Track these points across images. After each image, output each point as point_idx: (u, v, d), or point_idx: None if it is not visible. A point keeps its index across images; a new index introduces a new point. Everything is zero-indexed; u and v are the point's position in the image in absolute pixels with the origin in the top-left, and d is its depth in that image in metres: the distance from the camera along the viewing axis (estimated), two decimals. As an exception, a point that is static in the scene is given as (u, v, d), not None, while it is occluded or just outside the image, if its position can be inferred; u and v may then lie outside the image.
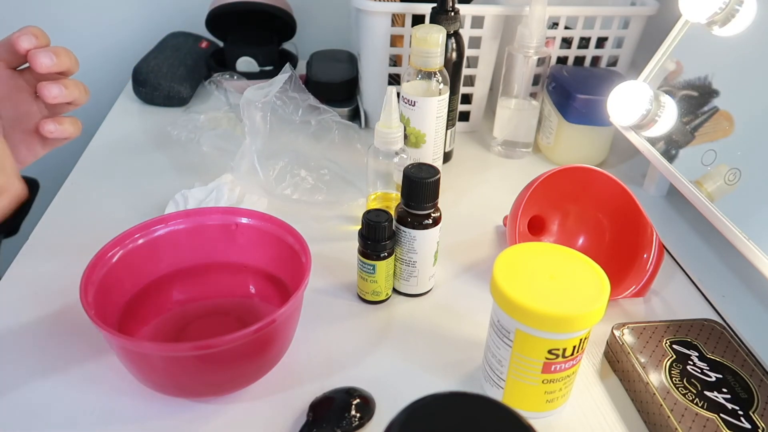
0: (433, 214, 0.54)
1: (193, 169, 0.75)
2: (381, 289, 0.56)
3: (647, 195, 0.75)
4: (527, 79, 0.77)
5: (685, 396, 0.45)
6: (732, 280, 0.60)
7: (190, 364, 0.42)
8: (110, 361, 0.49)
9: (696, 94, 0.63)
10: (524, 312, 0.40)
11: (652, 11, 0.81)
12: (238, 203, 0.67)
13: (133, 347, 0.41)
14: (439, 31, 0.65)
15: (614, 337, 0.51)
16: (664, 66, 0.68)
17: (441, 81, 0.68)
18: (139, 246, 0.50)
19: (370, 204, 0.66)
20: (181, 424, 0.45)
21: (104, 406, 0.46)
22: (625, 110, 0.67)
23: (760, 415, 0.44)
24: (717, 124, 0.60)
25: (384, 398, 0.47)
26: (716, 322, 0.52)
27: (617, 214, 0.60)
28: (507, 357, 0.44)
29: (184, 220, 0.52)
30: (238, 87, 0.90)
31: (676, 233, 0.67)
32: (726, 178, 0.56)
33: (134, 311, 0.49)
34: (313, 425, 0.44)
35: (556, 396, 0.45)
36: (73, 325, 0.52)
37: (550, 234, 0.64)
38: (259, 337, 0.42)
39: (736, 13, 0.59)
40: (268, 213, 0.52)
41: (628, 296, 0.56)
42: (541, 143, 0.84)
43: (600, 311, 0.41)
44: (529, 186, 0.59)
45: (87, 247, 0.50)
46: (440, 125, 0.70)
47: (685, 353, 0.49)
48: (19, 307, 0.55)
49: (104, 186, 0.72)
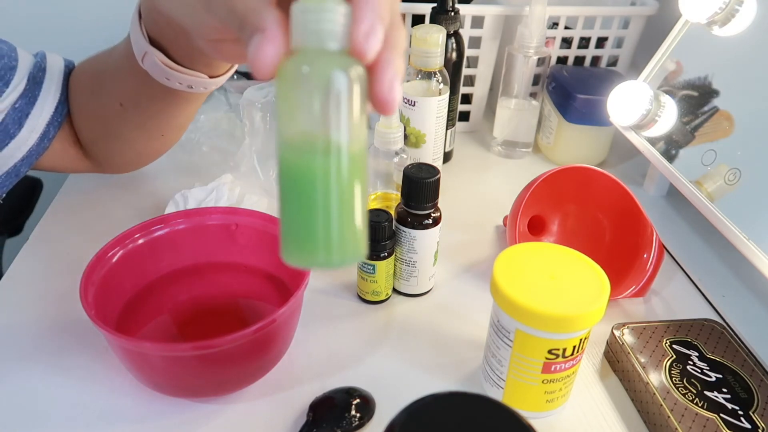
0: (433, 214, 0.54)
1: (193, 169, 0.75)
2: (381, 289, 0.56)
3: (647, 195, 0.75)
4: (527, 79, 0.77)
5: (685, 396, 0.45)
6: (732, 280, 0.60)
7: (190, 364, 0.42)
8: (110, 361, 0.49)
9: (696, 94, 0.63)
10: (524, 312, 0.40)
11: (652, 11, 0.81)
12: (238, 203, 0.67)
13: (133, 347, 0.41)
14: (439, 31, 0.65)
15: (614, 337, 0.51)
16: (664, 66, 0.68)
17: (441, 81, 0.68)
18: (139, 246, 0.50)
19: (370, 204, 0.66)
20: (181, 424, 0.45)
21: (104, 406, 0.46)
22: (625, 110, 0.67)
23: (760, 415, 0.44)
24: (717, 124, 0.60)
25: (384, 398, 0.47)
26: (716, 322, 0.52)
27: (617, 214, 0.60)
28: (507, 357, 0.44)
29: (184, 220, 0.52)
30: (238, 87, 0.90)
31: (676, 233, 0.67)
32: (726, 178, 0.56)
33: (134, 311, 0.49)
34: (313, 425, 0.44)
35: (556, 396, 0.45)
36: (73, 325, 0.52)
37: (550, 234, 0.64)
38: (259, 337, 0.42)
39: (736, 13, 0.59)
40: (268, 213, 0.52)
41: (628, 296, 0.56)
42: (541, 143, 0.84)
43: (600, 311, 0.41)
44: (529, 186, 0.59)
45: (87, 247, 0.50)
46: (440, 125, 0.70)
47: (685, 353, 0.49)
48: (19, 307, 0.55)
49: (104, 186, 0.72)
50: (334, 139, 0.27)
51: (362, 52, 0.27)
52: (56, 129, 0.59)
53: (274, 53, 0.27)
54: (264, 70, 0.27)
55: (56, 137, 0.60)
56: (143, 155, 0.65)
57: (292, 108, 0.27)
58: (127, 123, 0.58)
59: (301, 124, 0.27)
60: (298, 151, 0.27)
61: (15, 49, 0.56)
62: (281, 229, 0.28)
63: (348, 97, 0.27)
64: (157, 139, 0.62)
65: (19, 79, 0.55)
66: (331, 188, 0.27)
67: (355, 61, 0.27)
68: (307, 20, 0.26)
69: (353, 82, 0.27)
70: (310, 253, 0.28)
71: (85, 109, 0.59)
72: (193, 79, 0.50)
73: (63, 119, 0.59)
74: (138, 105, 0.55)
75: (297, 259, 0.28)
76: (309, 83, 0.26)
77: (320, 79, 0.26)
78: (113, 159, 0.65)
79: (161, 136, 0.61)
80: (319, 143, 0.27)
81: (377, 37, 0.27)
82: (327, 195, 0.27)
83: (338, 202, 0.27)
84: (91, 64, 0.59)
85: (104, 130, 0.60)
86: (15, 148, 0.56)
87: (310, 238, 0.27)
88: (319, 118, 0.27)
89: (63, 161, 0.62)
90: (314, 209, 0.27)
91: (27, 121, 0.56)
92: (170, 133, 0.62)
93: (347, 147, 0.27)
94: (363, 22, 0.27)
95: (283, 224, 0.28)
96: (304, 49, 0.27)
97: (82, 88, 0.59)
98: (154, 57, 0.48)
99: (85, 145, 0.62)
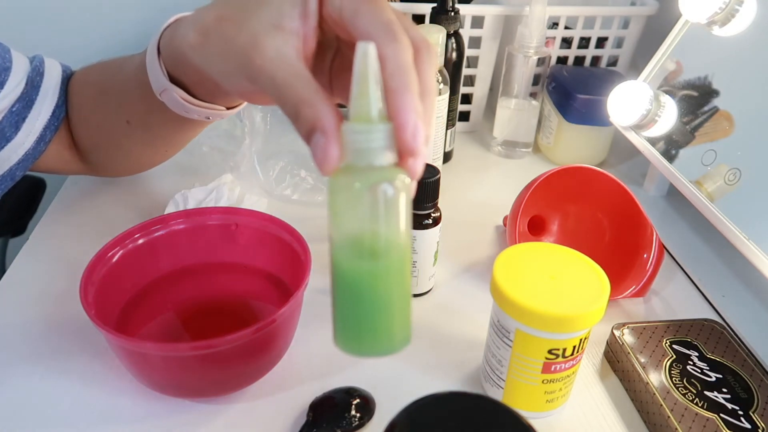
0: (433, 214, 0.54)
1: (193, 169, 0.75)
2: (381, 289, 0.56)
3: (647, 195, 0.75)
4: (527, 79, 0.77)
5: (685, 396, 0.45)
6: (732, 280, 0.60)
7: (190, 364, 0.42)
8: (110, 361, 0.49)
9: (696, 94, 0.63)
10: (524, 312, 0.40)
11: (652, 11, 0.81)
12: (238, 203, 0.67)
13: (133, 347, 0.41)
14: (439, 31, 0.65)
15: (614, 337, 0.51)
16: (664, 66, 0.68)
17: (441, 81, 0.68)
18: (139, 246, 0.50)
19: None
20: (181, 424, 0.45)
21: (104, 406, 0.46)
22: (625, 110, 0.67)
23: (760, 415, 0.44)
24: (717, 124, 0.60)
25: (384, 398, 0.47)
26: (716, 322, 0.52)
27: (617, 214, 0.60)
28: (507, 357, 0.44)
29: (184, 220, 0.52)
30: (238, 87, 0.90)
31: (676, 233, 0.67)
32: (726, 178, 0.56)
33: (134, 311, 0.49)
34: (313, 425, 0.44)
35: (556, 396, 0.45)
36: (73, 325, 0.52)
37: (550, 234, 0.64)
38: (259, 337, 0.42)
39: (736, 13, 0.59)
40: (268, 213, 0.52)
41: (628, 296, 0.56)
42: (541, 143, 0.84)
43: (600, 311, 0.41)
44: (529, 186, 0.59)
45: (87, 247, 0.50)
46: (440, 125, 0.70)
47: (685, 353, 0.49)
48: (20, 307, 0.55)
49: (104, 186, 0.72)
50: (383, 245, 0.30)
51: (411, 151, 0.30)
52: (53, 133, 0.58)
53: (337, 152, 0.29)
54: (330, 168, 0.30)
55: (52, 140, 0.59)
56: (142, 165, 0.65)
57: (344, 217, 0.31)
58: (132, 139, 0.58)
59: (353, 231, 0.31)
60: (351, 256, 0.31)
61: (9, 51, 0.56)
62: (335, 319, 0.32)
63: (394, 205, 0.30)
64: (160, 154, 0.62)
65: (16, 82, 0.55)
66: (382, 288, 0.31)
67: (400, 171, 0.30)
68: (355, 140, 0.29)
69: (399, 192, 0.30)
70: (362, 344, 0.32)
71: (88, 121, 0.59)
72: (212, 112, 0.50)
73: (60, 123, 0.59)
74: (146, 125, 0.55)
75: (349, 349, 0.32)
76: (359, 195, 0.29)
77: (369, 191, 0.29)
78: (111, 165, 0.65)
79: (165, 152, 0.61)
80: (368, 248, 0.30)
81: (421, 134, 0.30)
82: (378, 294, 0.31)
83: (388, 300, 0.31)
84: (96, 76, 0.59)
85: (107, 141, 0.60)
86: (11, 152, 0.56)
87: (363, 332, 0.31)
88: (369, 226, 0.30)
89: (58, 164, 0.62)
90: (367, 307, 0.31)
91: (24, 124, 0.56)
92: (173, 149, 0.62)
93: (394, 250, 0.30)
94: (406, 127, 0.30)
95: (337, 316, 0.32)
96: (353, 165, 0.30)
97: (86, 100, 0.59)
98: (174, 94, 0.47)
99: (82, 151, 0.62)
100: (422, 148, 0.30)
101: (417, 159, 0.30)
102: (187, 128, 0.55)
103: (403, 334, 0.32)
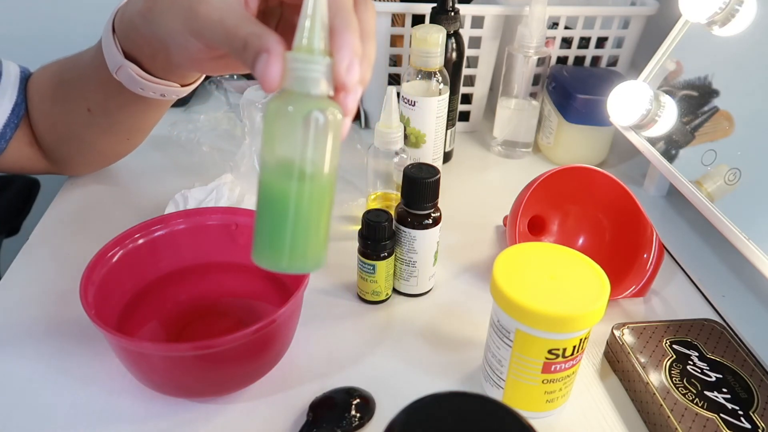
0: (433, 214, 0.54)
1: (193, 169, 0.75)
2: (381, 289, 0.56)
3: (647, 195, 0.75)
4: (527, 79, 0.77)
5: (685, 396, 0.45)
6: (732, 280, 0.60)
7: (190, 364, 0.42)
8: (110, 361, 0.49)
9: (696, 94, 0.63)
10: (524, 312, 0.40)
11: (652, 11, 0.81)
12: (238, 203, 0.67)
13: (133, 347, 0.41)
14: (439, 31, 0.65)
15: (614, 337, 0.51)
16: (664, 66, 0.68)
17: (441, 81, 0.68)
18: (139, 246, 0.50)
19: (370, 204, 0.66)
20: (181, 424, 0.45)
21: (104, 406, 0.46)
22: (625, 110, 0.67)
23: (760, 415, 0.44)
24: (717, 124, 0.60)
25: (384, 398, 0.47)
26: (716, 322, 0.52)
27: (617, 214, 0.60)
28: (507, 357, 0.44)
29: (184, 220, 0.52)
30: (238, 87, 0.90)
31: (676, 233, 0.67)
32: (726, 178, 0.56)
33: (134, 311, 0.49)
34: (313, 425, 0.44)
35: (556, 396, 0.45)
36: (73, 325, 0.52)
37: (550, 234, 0.64)
38: (259, 337, 0.42)
39: (736, 13, 0.59)
40: (268, 213, 0.52)
41: (628, 296, 0.56)
42: (541, 143, 0.84)
43: (600, 311, 0.41)
44: (529, 186, 0.59)
45: (87, 247, 0.50)
46: (440, 125, 0.70)
47: (685, 353, 0.49)
48: (19, 307, 0.55)
49: (104, 186, 0.72)
50: (308, 169, 0.32)
51: (344, 85, 0.32)
52: (13, 131, 0.60)
53: (280, 69, 0.32)
54: (272, 84, 0.32)
55: (13, 138, 0.60)
56: (106, 157, 0.67)
57: (276, 139, 0.33)
58: (93, 128, 0.59)
59: (282, 152, 0.33)
60: (276, 175, 0.33)
61: None
62: (255, 234, 0.33)
63: (323, 134, 0.32)
64: (122, 143, 0.63)
65: None
66: (300, 208, 0.32)
67: (333, 104, 0.32)
68: (296, 68, 0.31)
69: (329, 122, 0.32)
70: (276, 259, 0.33)
71: (49, 115, 0.60)
72: (166, 88, 0.52)
73: (20, 121, 0.60)
74: (107, 111, 0.57)
75: (264, 262, 0.33)
76: (292, 120, 0.31)
77: (302, 117, 0.31)
78: (74, 160, 0.66)
79: (127, 139, 0.63)
80: (295, 170, 0.32)
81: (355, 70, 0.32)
82: (296, 213, 0.32)
83: (305, 220, 0.33)
84: (53, 72, 0.60)
85: (68, 134, 0.61)
86: None
87: (278, 247, 0.33)
88: (297, 150, 0.32)
89: (19, 161, 0.63)
90: (284, 223, 0.33)
91: None
92: (136, 136, 0.63)
93: (318, 176, 0.32)
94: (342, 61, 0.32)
95: (257, 231, 0.33)
96: (290, 91, 0.32)
97: (45, 96, 0.60)
98: (129, 70, 0.49)
99: (45, 148, 0.63)
100: (355, 84, 0.32)
101: (350, 94, 0.32)
102: (145, 110, 0.57)
103: (317, 257, 0.34)
